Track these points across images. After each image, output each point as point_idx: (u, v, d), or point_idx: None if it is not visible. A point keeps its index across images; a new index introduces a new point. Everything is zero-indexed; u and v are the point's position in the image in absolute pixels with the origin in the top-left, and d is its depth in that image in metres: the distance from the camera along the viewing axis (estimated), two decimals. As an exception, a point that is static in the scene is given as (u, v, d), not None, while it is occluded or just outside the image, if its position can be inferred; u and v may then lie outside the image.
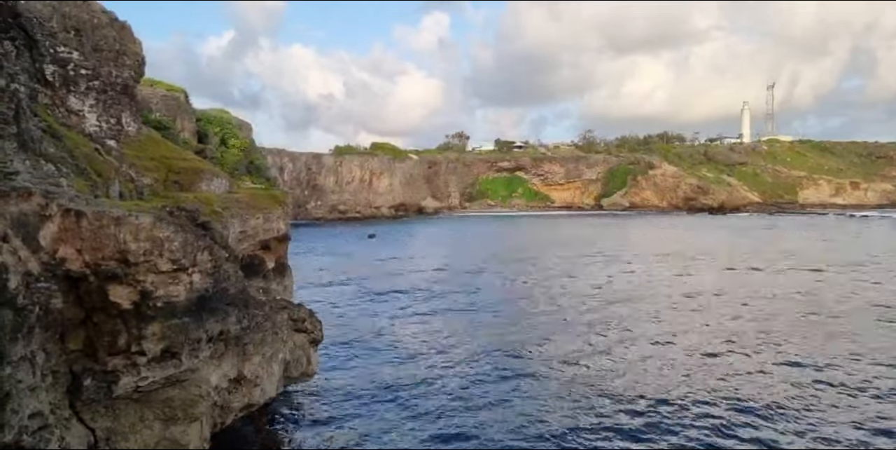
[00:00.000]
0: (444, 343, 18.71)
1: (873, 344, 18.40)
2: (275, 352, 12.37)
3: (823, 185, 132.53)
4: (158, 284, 9.51)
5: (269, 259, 16.83)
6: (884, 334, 19.75)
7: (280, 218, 16.90)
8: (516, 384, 14.69)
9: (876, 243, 52.21)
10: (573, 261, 40.66)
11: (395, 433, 11.71)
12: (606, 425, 12.25)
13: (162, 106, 19.14)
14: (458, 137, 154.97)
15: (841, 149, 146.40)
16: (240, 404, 11.59)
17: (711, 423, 12.43)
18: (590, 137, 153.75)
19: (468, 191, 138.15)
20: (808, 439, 11.79)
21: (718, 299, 26.33)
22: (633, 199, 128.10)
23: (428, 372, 15.63)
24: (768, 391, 14.48)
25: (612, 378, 15.28)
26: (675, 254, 44.49)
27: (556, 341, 19.02)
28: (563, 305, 25.35)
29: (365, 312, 23.64)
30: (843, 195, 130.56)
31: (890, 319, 21.87)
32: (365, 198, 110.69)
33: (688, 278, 32.63)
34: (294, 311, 13.32)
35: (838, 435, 11.93)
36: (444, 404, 13.21)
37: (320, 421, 12.37)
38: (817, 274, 33.68)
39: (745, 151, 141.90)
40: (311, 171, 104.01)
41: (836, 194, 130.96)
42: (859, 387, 14.81)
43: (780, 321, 21.81)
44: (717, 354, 17.65)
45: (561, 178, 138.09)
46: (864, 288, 28.74)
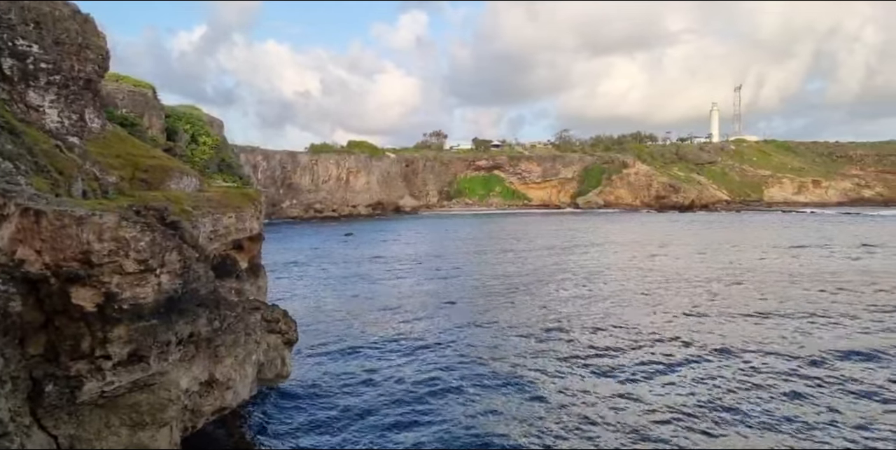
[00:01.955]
0: (420, 343, 18.59)
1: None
2: (248, 354, 12.10)
3: (787, 183, 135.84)
4: (124, 286, 9.19)
5: (242, 259, 16.47)
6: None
7: (253, 217, 16.56)
8: (494, 382, 14.64)
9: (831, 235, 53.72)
10: (552, 256, 40.94)
11: (370, 435, 11.55)
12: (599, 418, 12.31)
13: (128, 102, 18.58)
14: (436, 136, 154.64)
15: (804, 149, 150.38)
16: (211, 407, 11.30)
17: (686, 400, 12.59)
18: (566, 136, 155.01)
19: (446, 190, 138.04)
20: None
21: (684, 280, 27.03)
22: (608, 197, 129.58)
23: (404, 372, 15.49)
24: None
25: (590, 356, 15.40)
26: (648, 243, 45.30)
27: (536, 336, 19.08)
28: (544, 299, 25.42)
29: (341, 311, 23.38)
30: (806, 193, 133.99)
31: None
32: (341, 197, 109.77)
33: (662, 264, 33.30)
34: (268, 311, 13.05)
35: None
36: (422, 407, 13.09)
37: (295, 424, 12.14)
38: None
39: (715, 151, 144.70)
40: (286, 169, 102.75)
41: (799, 192, 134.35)
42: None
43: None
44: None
45: (538, 177, 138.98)
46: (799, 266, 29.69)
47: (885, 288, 27.60)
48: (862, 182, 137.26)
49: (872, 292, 26.60)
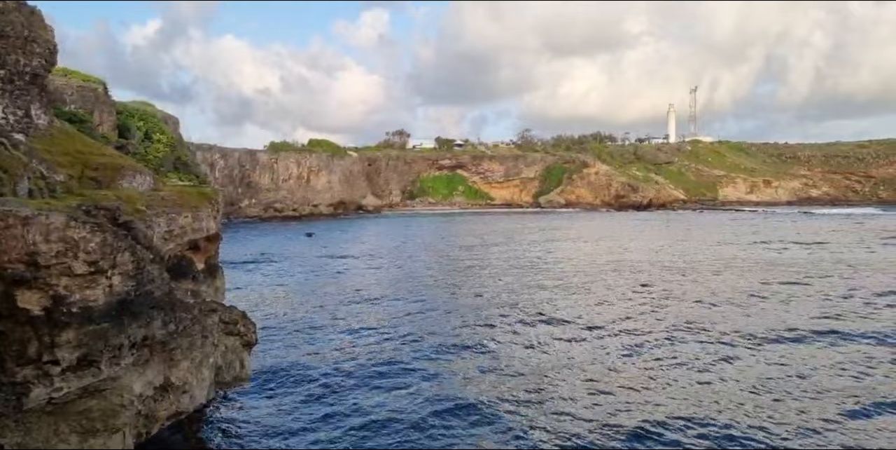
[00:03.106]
0: (383, 342, 18.53)
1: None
2: (205, 356, 11.86)
3: (740, 183, 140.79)
4: (73, 288, 8.89)
5: (199, 260, 16.10)
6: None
7: (210, 216, 16.19)
8: (456, 379, 14.74)
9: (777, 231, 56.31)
10: (516, 253, 41.44)
11: (331, 439, 11.48)
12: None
13: (77, 97, 17.91)
14: (399, 135, 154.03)
15: (755, 149, 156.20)
16: (167, 412, 11.03)
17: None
18: (528, 136, 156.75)
19: (409, 189, 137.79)
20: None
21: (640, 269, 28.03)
22: (569, 196, 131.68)
23: (366, 373, 15.44)
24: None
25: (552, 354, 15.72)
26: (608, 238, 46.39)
27: (495, 332, 19.29)
28: (506, 296, 25.73)
29: (303, 312, 23.11)
30: (757, 193, 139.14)
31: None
32: (302, 196, 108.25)
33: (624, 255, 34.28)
34: (226, 313, 12.81)
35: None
36: (385, 407, 13.07)
37: (255, 427, 11.96)
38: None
39: (671, 151, 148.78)
40: (244, 168, 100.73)
41: (751, 192, 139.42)
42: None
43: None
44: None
45: (500, 176, 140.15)
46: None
47: (832, 276, 29.02)
48: (809, 182, 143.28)
49: (819, 279, 28.02)
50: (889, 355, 16.67)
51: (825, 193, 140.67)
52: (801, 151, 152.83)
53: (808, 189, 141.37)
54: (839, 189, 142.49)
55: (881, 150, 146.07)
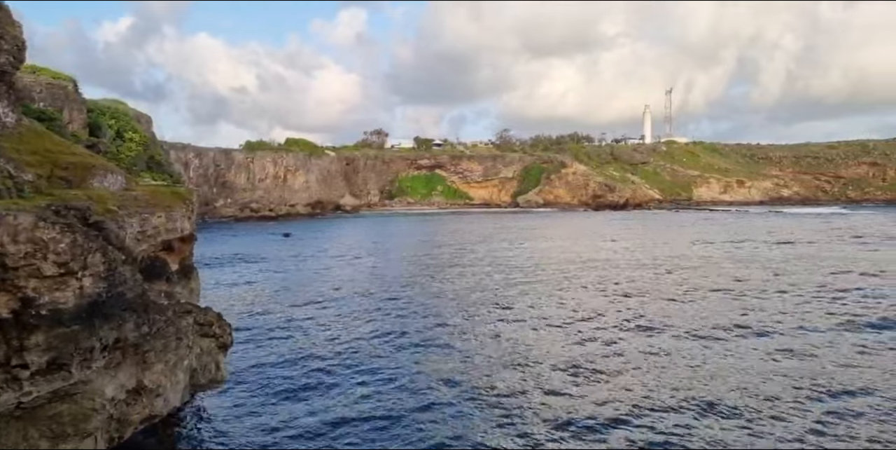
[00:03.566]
0: (360, 343, 18.46)
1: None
2: (179, 359, 11.68)
3: (714, 183, 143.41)
4: (42, 290, 8.69)
5: (173, 261, 15.85)
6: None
7: (184, 217, 15.95)
8: (432, 375, 14.75)
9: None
10: (494, 253, 41.58)
11: (307, 439, 11.40)
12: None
13: (47, 95, 17.48)
14: (377, 134, 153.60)
15: (728, 150, 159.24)
16: (140, 416, 10.84)
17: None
18: (506, 136, 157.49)
19: (387, 188, 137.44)
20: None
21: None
22: (547, 196, 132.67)
23: (344, 375, 15.36)
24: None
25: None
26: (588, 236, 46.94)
27: (474, 331, 19.36)
28: (486, 293, 25.83)
29: (278, 313, 22.90)
30: (731, 193, 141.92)
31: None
32: (279, 196, 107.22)
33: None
34: (200, 315, 12.63)
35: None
36: (360, 409, 13.02)
37: (230, 430, 11.83)
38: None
39: (647, 152, 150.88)
40: (219, 167, 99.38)
41: (725, 192, 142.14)
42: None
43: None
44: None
45: (479, 176, 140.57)
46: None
47: (799, 272, 29.73)
48: (781, 182, 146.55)
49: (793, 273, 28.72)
50: (848, 344, 17.16)
51: (796, 192, 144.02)
52: (772, 152, 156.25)
53: (779, 189, 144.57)
54: (809, 189, 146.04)
55: (850, 151, 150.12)
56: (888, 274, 30.81)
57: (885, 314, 21.50)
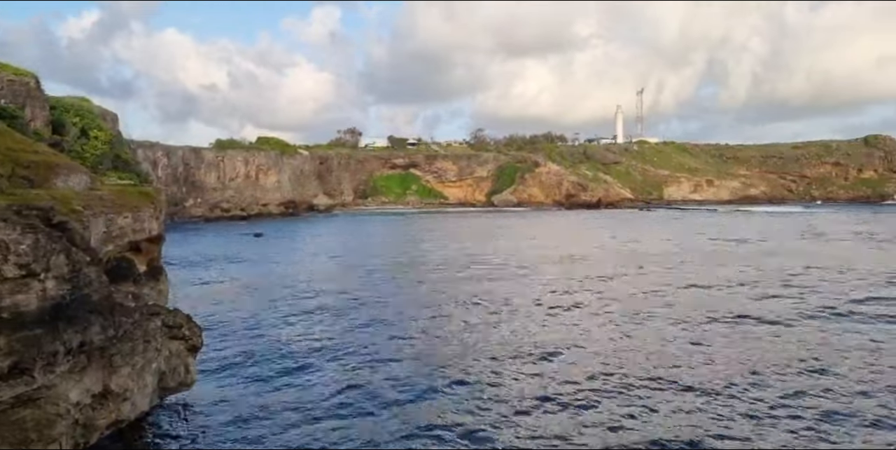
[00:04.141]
0: (332, 344, 18.32)
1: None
2: (147, 362, 11.45)
3: (684, 182, 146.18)
4: (3, 293, 8.43)
5: (140, 262, 15.52)
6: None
7: (152, 217, 15.64)
8: (405, 373, 14.74)
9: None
10: (470, 250, 41.73)
11: (280, 442, 11.29)
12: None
13: (7, 92, 16.94)
14: (351, 133, 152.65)
15: (698, 150, 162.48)
16: (106, 421, 10.60)
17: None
18: (480, 135, 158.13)
19: (361, 188, 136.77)
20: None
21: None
22: (521, 196, 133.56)
23: (317, 374, 15.24)
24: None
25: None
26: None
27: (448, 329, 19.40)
28: (459, 294, 25.90)
29: (250, 314, 22.59)
30: (700, 192, 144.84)
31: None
32: (251, 195, 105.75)
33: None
34: (169, 317, 12.40)
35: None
36: (335, 407, 12.95)
37: (200, 435, 11.64)
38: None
39: (619, 151, 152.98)
40: (188, 166, 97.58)
41: (695, 191, 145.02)
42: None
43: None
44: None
45: (454, 175, 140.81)
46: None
47: (764, 268, 30.62)
48: (748, 182, 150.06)
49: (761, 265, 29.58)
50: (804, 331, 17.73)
51: (763, 192, 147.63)
52: (740, 152, 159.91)
53: (747, 188, 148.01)
54: (776, 188, 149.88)
55: (814, 151, 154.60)
56: (839, 266, 32.86)
57: (835, 303, 22.98)
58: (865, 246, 45.12)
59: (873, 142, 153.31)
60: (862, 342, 17.39)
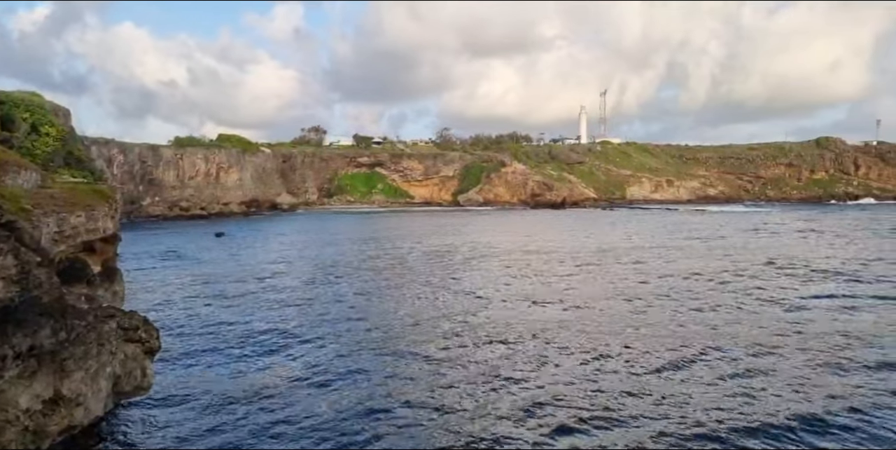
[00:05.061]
0: (295, 343, 18.12)
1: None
2: (101, 366, 11.11)
3: (646, 182, 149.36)
4: (-55, 296, 8.06)
5: (95, 262, 15.06)
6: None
7: (107, 216, 15.20)
8: (363, 374, 14.69)
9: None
10: (437, 250, 41.76)
11: (237, 446, 11.11)
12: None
13: (-50, 85, 16.15)
14: (315, 131, 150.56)
15: (659, 150, 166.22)
16: (58, 427, 10.24)
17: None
18: (446, 135, 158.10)
19: (326, 186, 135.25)
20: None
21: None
22: (487, 195, 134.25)
23: (276, 375, 15.03)
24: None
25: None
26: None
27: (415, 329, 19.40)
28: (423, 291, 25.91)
29: (211, 316, 22.14)
30: (661, 192, 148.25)
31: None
32: (211, 193, 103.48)
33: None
34: (125, 319, 12.05)
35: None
36: (295, 411, 12.80)
37: (155, 439, 11.37)
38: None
39: (583, 152, 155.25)
40: (146, 164, 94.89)
41: (656, 191, 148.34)
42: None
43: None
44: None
45: (420, 174, 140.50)
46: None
47: (719, 259, 31.70)
48: (707, 182, 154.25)
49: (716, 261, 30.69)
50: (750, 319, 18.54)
51: (721, 191, 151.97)
52: (699, 153, 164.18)
53: (706, 188, 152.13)
54: (733, 188, 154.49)
55: (769, 152, 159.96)
56: (783, 257, 36.44)
57: (769, 288, 26.19)
58: (801, 240, 49.14)
59: (825, 144, 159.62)
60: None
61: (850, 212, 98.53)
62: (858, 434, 11.23)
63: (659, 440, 11.04)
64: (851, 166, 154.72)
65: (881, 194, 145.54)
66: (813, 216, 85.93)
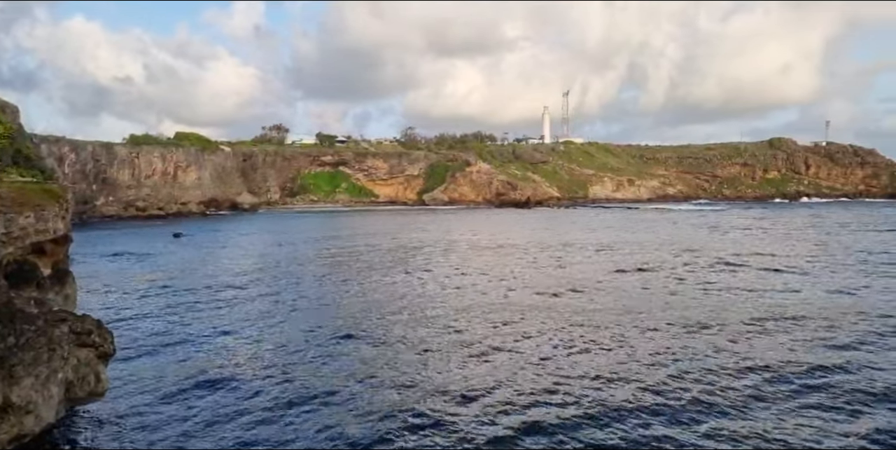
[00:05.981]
0: (254, 346, 17.81)
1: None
2: (52, 372, 10.71)
3: (607, 181, 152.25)
4: None
5: (45, 265, 14.51)
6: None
7: (58, 216, 14.65)
8: (323, 375, 14.57)
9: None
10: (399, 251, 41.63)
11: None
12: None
13: None
14: (277, 130, 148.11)
15: (620, 150, 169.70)
16: (7, 435, 9.84)
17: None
18: (411, 134, 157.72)
19: (289, 186, 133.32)
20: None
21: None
22: (452, 194, 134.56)
23: (234, 378, 14.70)
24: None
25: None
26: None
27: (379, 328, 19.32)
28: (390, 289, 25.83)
29: (167, 319, 21.54)
30: (623, 191, 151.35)
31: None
32: (168, 193, 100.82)
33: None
34: (77, 323, 11.64)
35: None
36: (255, 415, 12.57)
37: (111, 445, 11.02)
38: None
39: (546, 151, 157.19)
40: (99, 162, 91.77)
41: (617, 190, 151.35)
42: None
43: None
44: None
45: (384, 173, 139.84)
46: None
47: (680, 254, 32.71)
48: (666, 181, 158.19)
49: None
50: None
51: (680, 190, 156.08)
52: (658, 153, 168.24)
53: (665, 187, 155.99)
54: (691, 187, 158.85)
55: (724, 152, 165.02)
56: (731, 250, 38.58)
57: (706, 276, 27.95)
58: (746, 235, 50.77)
59: (777, 144, 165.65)
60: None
61: (799, 210, 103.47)
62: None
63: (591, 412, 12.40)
64: (802, 166, 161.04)
65: (829, 193, 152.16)
66: (764, 214, 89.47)
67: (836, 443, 10.67)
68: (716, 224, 69.31)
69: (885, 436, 10.89)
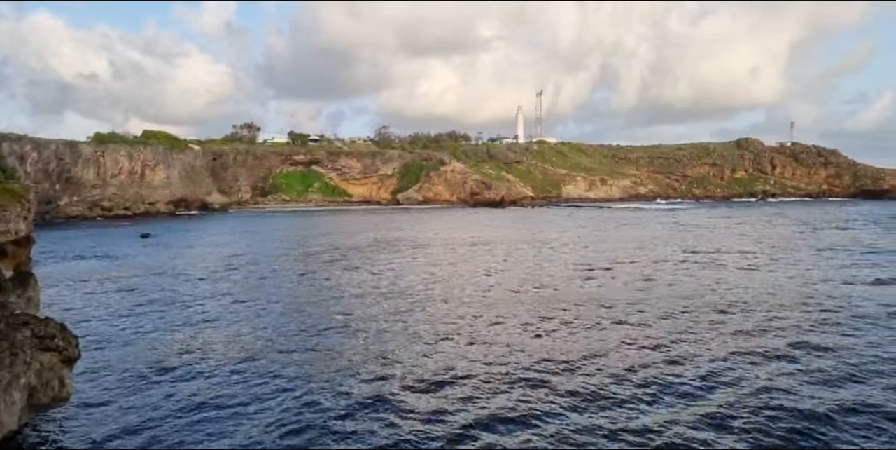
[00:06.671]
0: (226, 347, 17.46)
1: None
2: (14, 377, 10.30)
3: (580, 181, 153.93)
4: None
5: (6, 267, 13.98)
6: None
7: (19, 217, 14.12)
8: (298, 377, 14.39)
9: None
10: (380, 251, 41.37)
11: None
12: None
13: None
14: (248, 128, 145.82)
15: (593, 150, 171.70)
16: (-36, 445, 9.43)
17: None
18: (385, 133, 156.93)
19: (260, 185, 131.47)
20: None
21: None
22: (427, 194, 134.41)
23: (204, 382, 14.39)
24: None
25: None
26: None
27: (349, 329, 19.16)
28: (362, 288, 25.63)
29: (134, 322, 20.98)
30: (595, 190, 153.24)
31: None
32: (136, 193, 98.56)
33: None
34: (40, 326, 11.23)
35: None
36: (226, 418, 12.33)
37: (77, 448, 10.68)
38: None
39: (520, 151, 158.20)
40: (63, 161, 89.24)
41: (590, 189, 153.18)
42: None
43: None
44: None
45: (358, 173, 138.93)
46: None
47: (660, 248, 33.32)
48: (638, 180, 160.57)
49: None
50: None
51: (651, 190, 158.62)
52: (630, 153, 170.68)
53: (637, 187, 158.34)
54: (662, 187, 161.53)
55: (694, 152, 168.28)
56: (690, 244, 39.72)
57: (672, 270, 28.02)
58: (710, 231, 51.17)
59: (744, 144, 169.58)
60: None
61: (764, 208, 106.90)
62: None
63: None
64: (768, 166, 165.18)
65: (794, 192, 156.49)
66: (731, 213, 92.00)
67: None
68: (684, 222, 71.62)
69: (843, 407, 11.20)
